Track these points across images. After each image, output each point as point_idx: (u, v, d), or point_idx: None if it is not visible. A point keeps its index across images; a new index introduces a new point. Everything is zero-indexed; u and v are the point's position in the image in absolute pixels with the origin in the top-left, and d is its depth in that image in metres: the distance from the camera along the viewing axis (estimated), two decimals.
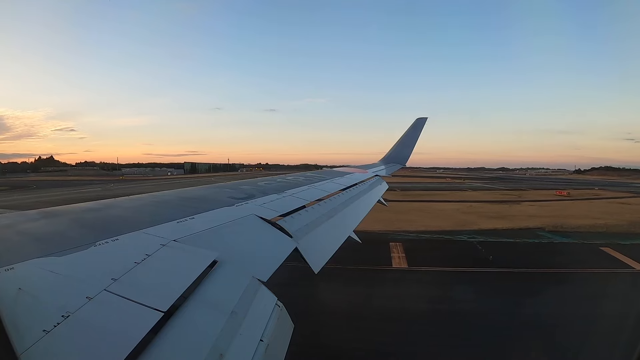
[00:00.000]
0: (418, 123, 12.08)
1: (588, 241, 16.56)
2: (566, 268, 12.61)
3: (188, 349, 1.20)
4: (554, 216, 23.69)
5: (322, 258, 2.60)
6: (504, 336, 7.86)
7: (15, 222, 1.98)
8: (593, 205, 31.24)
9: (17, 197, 36.46)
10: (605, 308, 8.82)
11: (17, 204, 30.24)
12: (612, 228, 19.62)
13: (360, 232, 3.87)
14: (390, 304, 9.61)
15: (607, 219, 22.73)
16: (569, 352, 7.36)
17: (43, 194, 38.70)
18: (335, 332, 7.84)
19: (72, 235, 1.83)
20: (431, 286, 11.09)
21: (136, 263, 1.54)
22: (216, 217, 2.49)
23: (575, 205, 30.71)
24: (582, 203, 32.99)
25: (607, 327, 7.26)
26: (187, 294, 1.42)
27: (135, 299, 1.29)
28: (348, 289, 10.50)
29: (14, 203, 30.90)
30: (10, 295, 1.18)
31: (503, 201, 33.71)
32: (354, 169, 8.51)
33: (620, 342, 5.06)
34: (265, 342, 1.40)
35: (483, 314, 9.04)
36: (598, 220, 22.24)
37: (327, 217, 3.44)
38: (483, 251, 14.75)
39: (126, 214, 2.40)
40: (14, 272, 1.32)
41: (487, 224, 20.86)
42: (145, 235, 1.90)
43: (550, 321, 8.40)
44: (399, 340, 7.72)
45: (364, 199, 5.18)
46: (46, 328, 1.07)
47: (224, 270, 1.73)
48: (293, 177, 5.34)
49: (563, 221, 21.49)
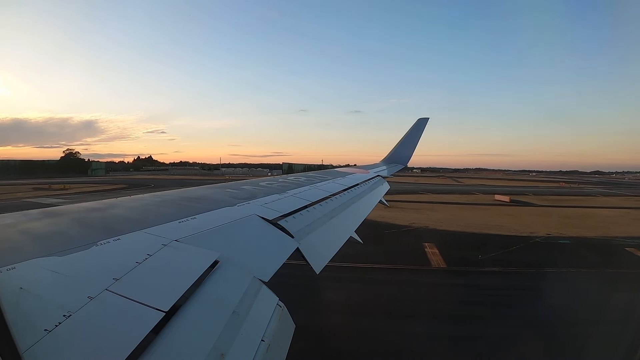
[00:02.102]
0: (420, 123, 12.06)
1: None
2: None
3: (189, 349, 1.19)
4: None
5: (324, 258, 2.59)
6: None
7: (16, 221, 1.99)
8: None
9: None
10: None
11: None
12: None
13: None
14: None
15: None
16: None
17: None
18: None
19: (73, 234, 1.84)
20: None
21: (137, 263, 1.54)
22: (218, 217, 2.49)
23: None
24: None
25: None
26: (189, 294, 1.42)
27: (137, 299, 1.28)
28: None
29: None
30: (12, 294, 1.18)
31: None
32: (355, 169, 8.50)
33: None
34: (266, 343, 1.39)
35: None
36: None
37: (328, 218, 3.43)
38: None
39: (128, 213, 2.41)
40: (15, 272, 1.32)
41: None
42: (147, 235, 1.90)
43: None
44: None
45: (366, 200, 5.17)
46: (48, 327, 1.07)
47: (226, 270, 1.73)
48: (295, 177, 5.35)
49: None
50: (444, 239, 18.09)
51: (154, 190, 3.39)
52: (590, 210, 29.79)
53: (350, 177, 6.32)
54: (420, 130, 11.92)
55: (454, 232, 20.01)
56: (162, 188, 4.44)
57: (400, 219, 22.84)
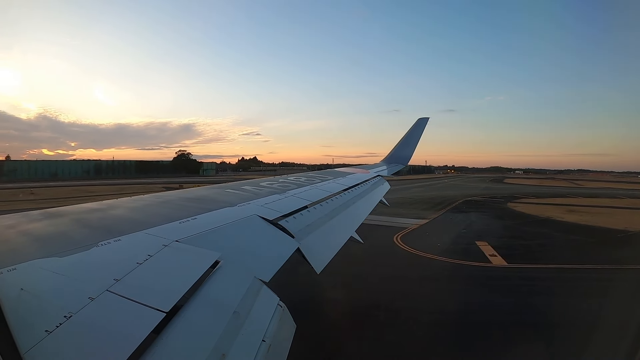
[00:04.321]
0: (420, 123, 12.04)
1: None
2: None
3: (190, 349, 1.19)
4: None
5: (324, 258, 2.59)
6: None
7: (17, 222, 1.99)
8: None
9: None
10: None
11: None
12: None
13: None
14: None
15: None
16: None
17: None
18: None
19: (74, 235, 1.84)
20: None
21: (138, 263, 1.54)
22: (218, 217, 2.49)
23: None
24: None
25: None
26: (190, 294, 1.42)
27: (138, 300, 1.28)
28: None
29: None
30: (12, 295, 1.18)
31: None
32: (356, 169, 8.50)
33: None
34: (267, 343, 1.39)
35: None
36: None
37: (329, 218, 3.43)
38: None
39: (128, 214, 2.41)
40: (16, 273, 1.32)
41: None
42: (148, 235, 1.90)
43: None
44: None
45: (366, 200, 5.16)
46: (48, 328, 1.06)
47: (226, 270, 1.73)
48: (295, 177, 5.35)
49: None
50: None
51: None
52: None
53: (351, 177, 6.32)
54: (420, 130, 11.91)
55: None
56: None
57: (609, 223, 19.76)
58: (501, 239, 14.56)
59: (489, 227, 17.83)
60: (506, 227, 17.86)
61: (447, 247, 13.06)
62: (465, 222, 19.03)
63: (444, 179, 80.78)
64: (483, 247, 13.10)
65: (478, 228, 17.37)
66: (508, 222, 19.24)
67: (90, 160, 78.55)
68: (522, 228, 17.71)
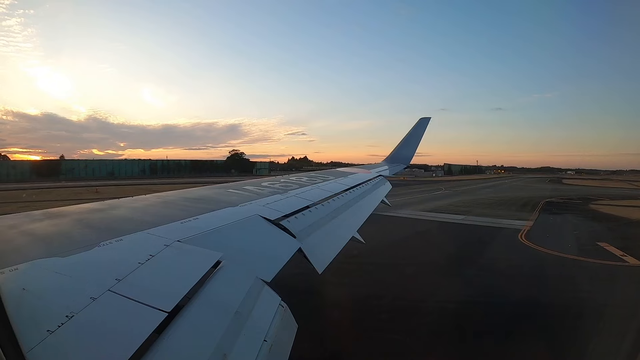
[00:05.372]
0: (421, 123, 12.02)
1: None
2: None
3: (192, 349, 1.19)
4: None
5: (326, 259, 2.59)
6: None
7: (19, 222, 2.00)
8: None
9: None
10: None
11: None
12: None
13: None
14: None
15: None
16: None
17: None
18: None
19: (76, 235, 1.84)
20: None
21: (140, 263, 1.54)
22: (220, 217, 2.49)
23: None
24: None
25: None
26: (191, 295, 1.42)
27: (139, 300, 1.28)
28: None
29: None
30: (14, 295, 1.18)
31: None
32: (357, 169, 8.50)
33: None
34: (269, 343, 1.39)
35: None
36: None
37: (330, 218, 3.43)
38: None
39: (130, 214, 2.41)
40: (18, 273, 1.33)
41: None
42: (149, 235, 1.90)
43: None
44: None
45: (368, 199, 5.16)
46: (50, 328, 1.06)
47: (228, 270, 1.73)
48: (296, 177, 5.35)
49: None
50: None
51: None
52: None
53: (352, 177, 6.31)
54: (422, 130, 11.89)
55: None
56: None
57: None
58: (617, 240, 14.18)
59: (594, 228, 17.70)
60: (610, 229, 17.57)
61: (579, 248, 12.93)
62: (569, 224, 18.82)
63: (502, 180, 78.39)
64: (608, 247, 12.89)
65: (585, 230, 17.16)
66: (607, 224, 18.87)
67: (144, 160, 78.68)
68: (626, 230, 17.39)
